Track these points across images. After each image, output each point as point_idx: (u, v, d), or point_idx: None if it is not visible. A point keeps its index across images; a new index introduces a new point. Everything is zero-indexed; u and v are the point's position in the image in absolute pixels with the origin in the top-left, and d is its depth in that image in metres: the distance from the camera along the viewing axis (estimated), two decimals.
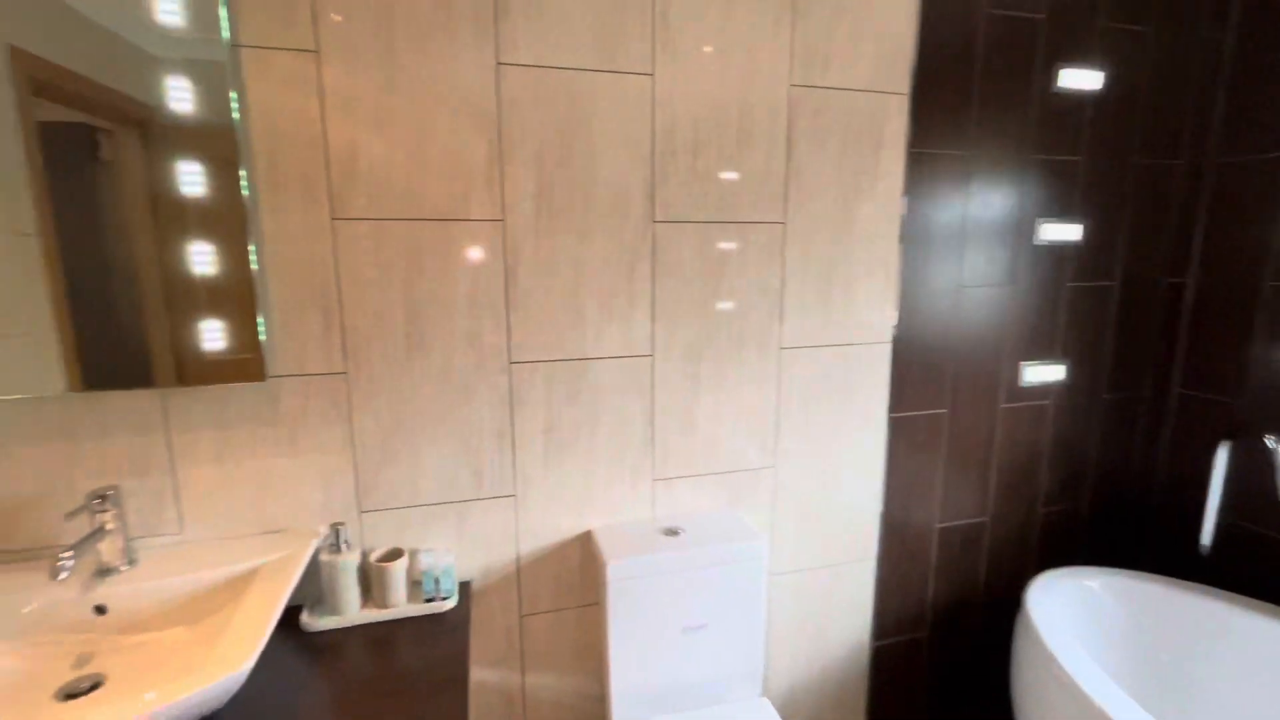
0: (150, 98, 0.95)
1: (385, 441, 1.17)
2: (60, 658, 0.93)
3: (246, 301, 1.03)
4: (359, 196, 1.08)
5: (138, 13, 0.93)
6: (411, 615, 1.14)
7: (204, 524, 1.10)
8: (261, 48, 1.00)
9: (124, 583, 0.99)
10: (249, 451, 1.10)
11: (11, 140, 0.92)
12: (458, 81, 1.09)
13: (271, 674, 0.97)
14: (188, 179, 0.99)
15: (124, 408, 1.04)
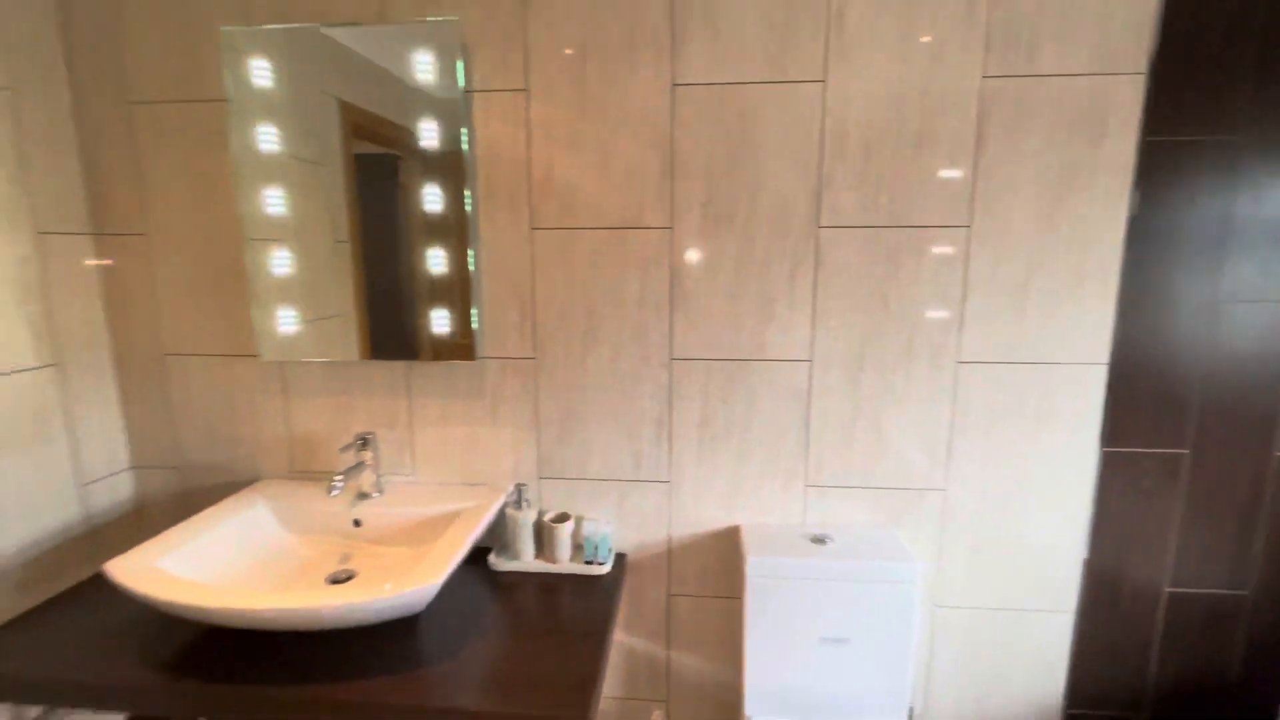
0: (415, 134, 1.24)
1: (562, 420, 1.35)
2: (330, 553, 1.27)
3: (465, 296, 1.29)
4: (552, 209, 1.27)
5: (406, 69, 1.22)
6: (572, 572, 1.30)
7: (429, 470, 1.40)
8: (485, 91, 1.24)
9: (374, 505, 1.31)
10: (462, 417, 1.37)
11: (338, 170, 1.27)
12: (638, 105, 1.22)
13: (465, 593, 1.21)
14: (431, 197, 1.26)
15: (384, 374, 1.37)
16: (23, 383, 1.24)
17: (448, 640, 1.08)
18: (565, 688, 0.97)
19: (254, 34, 1.24)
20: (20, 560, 1.24)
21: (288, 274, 1.32)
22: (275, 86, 1.26)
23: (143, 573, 1.03)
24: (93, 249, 1.37)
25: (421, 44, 1.20)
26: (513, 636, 1.10)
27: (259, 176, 1.28)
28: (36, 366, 1.26)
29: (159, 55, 1.29)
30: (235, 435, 1.43)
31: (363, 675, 0.98)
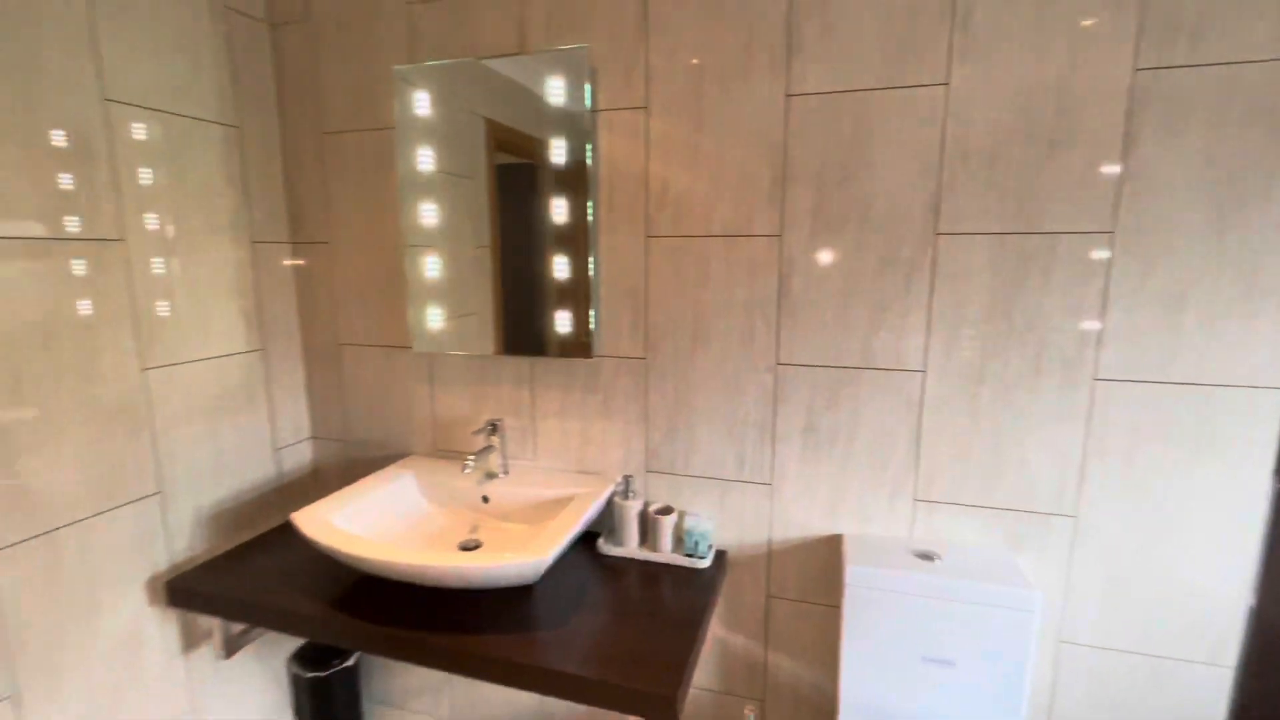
0: (548, 149, 1.37)
1: (669, 418, 1.42)
2: (462, 523, 1.44)
3: (585, 299, 1.40)
4: (666, 218, 1.34)
5: (541, 91, 1.35)
6: (673, 563, 1.37)
7: (548, 456, 1.54)
8: (609, 110, 1.34)
9: (500, 485, 1.47)
10: (578, 410, 1.49)
11: (482, 181, 1.44)
12: (751, 117, 1.25)
13: (574, 572, 1.32)
14: (558, 208, 1.39)
15: (512, 368, 1.52)
16: (238, 364, 1.53)
17: (556, 611, 1.19)
18: (659, 666, 1.04)
19: (418, 70, 1.43)
20: (233, 506, 1.53)
21: (437, 277, 1.51)
22: (432, 113, 1.45)
23: (318, 524, 1.25)
24: (290, 254, 1.66)
25: (555, 70, 1.33)
26: (614, 615, 1.19)
27: (417, 191, 1.48)
28: (248, 350, 1.56)
29: (344, 94, 1.53)
30: (390, 415, 1.66)
31: (482, 632, 1.12)
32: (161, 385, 1.36)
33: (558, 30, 1.35)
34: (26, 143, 1.11)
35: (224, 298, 1.48)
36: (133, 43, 1.27)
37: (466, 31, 1.41)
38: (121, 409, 1.28)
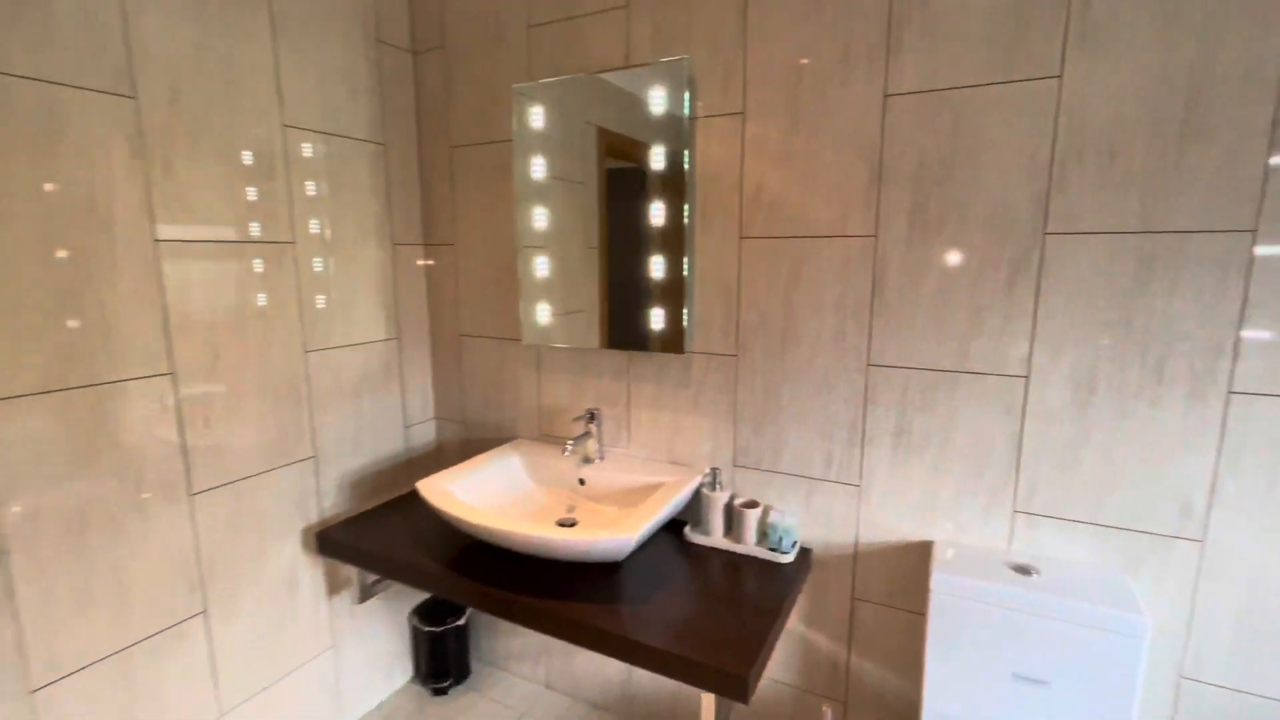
0: (649, 156, 1.45)
1: (758, 415, 1.46)
2: (560, 502, 1.57)
3: (679, 297, 1.47)
4: (760, 220, 1.38)
5: (645, 102, 1.43)
6: (755, 555, 1.41)
7: (641, 446, 1.62)
8: (707, 117, 1.40)
9: (596, 469, 1.57)
10: (670, 403, 1.56)
11: (594, 185, 1.55)
12: (848, 119, 1.26)
13: (661, 555, 1.40)
14: (656, 211, 1.47)
15: (611, 361, 1.63)
16: (377, 350, 1.76)
17: (642, 588, 1.28)
18: (734, 648, 1.09)
19: (534, 86, 1.57)
20: (371, 473, 1.77)
21: (545, 275, 1.65)
22: (545, 125, 1.58)
23: (437, 493, 1.42)
24: (422, 255, 1.87)
25: (657, 81, 1.41)
26: (695, 598, 1.25)
27: (530, 197, 1.63)
28: (386, 339, 1.78)
29: (470, 111, 1.71)
30: (501, 401, 1.83)
31: (573, 600, 1.23)
32: (318, 366, 1.60)
33: (663, 43, 1.43)
34: (226, 163, 1.36)
35: (368, 292, 1.71)
36: (305, 76, 1.51)
37: (578, 50, 1.53)
38: (288, 385, 1.53)
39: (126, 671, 1.27)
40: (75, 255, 1.15)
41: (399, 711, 1.85)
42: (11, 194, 1.06)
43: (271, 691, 1.55)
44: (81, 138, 1.14)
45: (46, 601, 1.15)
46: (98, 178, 1.17)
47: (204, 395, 1.36)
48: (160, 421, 1.29)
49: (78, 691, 1.20)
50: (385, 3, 1.69)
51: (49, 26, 1.09)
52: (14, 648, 1.11)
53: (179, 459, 1.33)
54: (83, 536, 1.19)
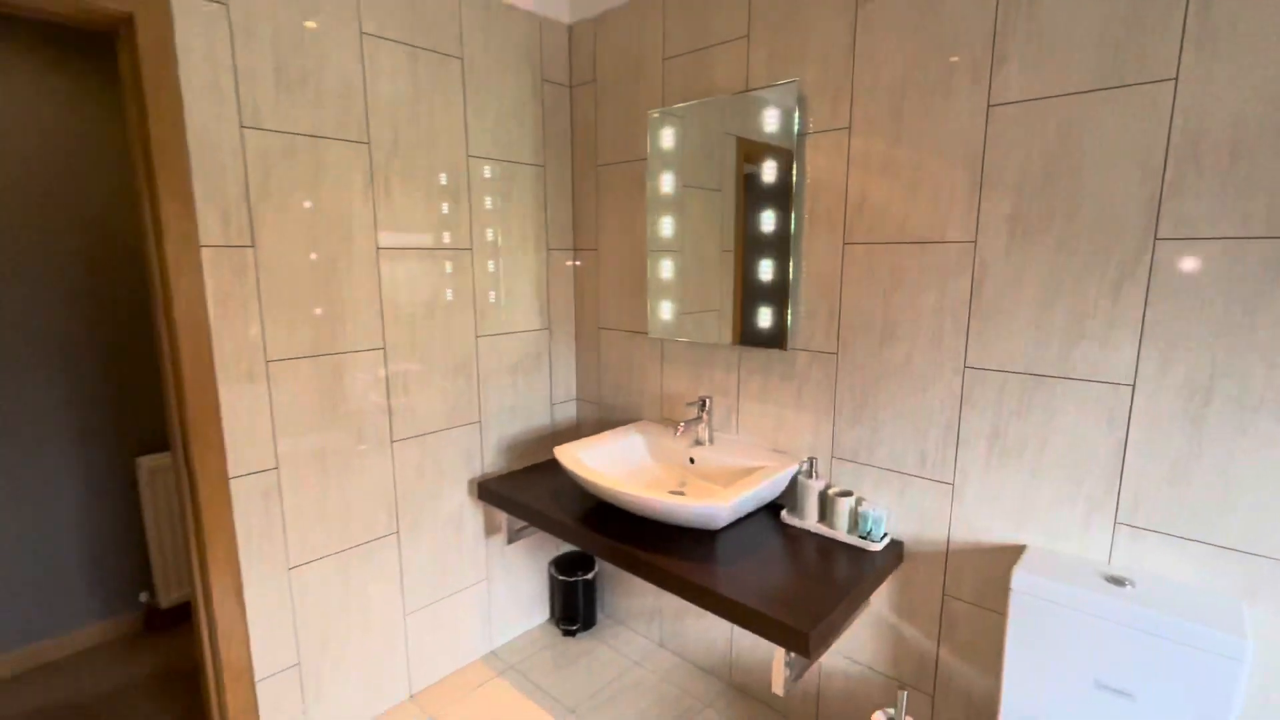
0: (761, 170, 1.61)
1: (856, 410, 1.55)
2: (673, 476, 1.78)
3: (784, 297, 1.61)
4: (862, 226, 1.47)
5: (759, 120, 1.59)
6: (845, 541, 1.50)
7: (747, 433, 1.78)
8: (816, 133, 1.52)
9: (705, 451, 1.77)
10: (774, 395, 1.70)
11: (732, 191, 1.73)
12: (950, 129, 1.32)
13: (756, 531, 1.56)
14: (767, 219, 1.62)
15: (724, 354, 1.80)
16: (532, 338, 2.11)
17: (733, 554, 1.45)
18: (803, 611, 1.22)
19: (667, 111, 1.80)
20: (523, 440, 2.12)
21: (670, 277, 1.87)
22: (674, 145, 1.80)
23: (570, 458, 1.71)
24: (570, 259, 2.19)
25: (771, 102, 1.56)
26: (781, 569, 1.39)
27: (659, 208, 1.86)
28: (539, 329, 2.13)
29: (613, 134, 1.99)
30: (629, 387, 2.08)
31: (674, 556, 1.43)
32: (485, 349, 1.97)
33: (778, 67, 1.57)
34: (426, 188, 1.77)
35: (525, 289, 2.06)
36: (485, 116, 1.88)
37: (704, 77, 1.73)
38: (463, 363, 1.92)
39: (345, 566, 1.72)
40: (327, 258, 1.59)
41: (536, 643, 2.19)
42: (293, 217, 1.52)
43: (441, 605, 1.96)
44: (335, 174, 1.58)
45: (298, 510, 1.61)
46: (343, 202, 1.61)
47: (403, 368, 1.78)
48: (373, 387, 1.72)
49: (315, 574, 1.66)
50: (550, 48, 2.02)
51: (320, 97, 1.54)
52: (281, 538, 1.58)
53: (385, 416, 1.76)
54: (322, 465, 1.64)
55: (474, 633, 2.08)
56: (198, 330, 1.40)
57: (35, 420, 2.04)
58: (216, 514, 1.47)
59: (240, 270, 1.45)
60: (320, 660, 1.70)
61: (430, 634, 1.95)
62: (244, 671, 1.55)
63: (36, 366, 2.03)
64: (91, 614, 2.21)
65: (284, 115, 1.48)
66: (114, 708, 1.90)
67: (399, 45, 1.66)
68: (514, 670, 2.05)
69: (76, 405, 2.12)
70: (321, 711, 1.72)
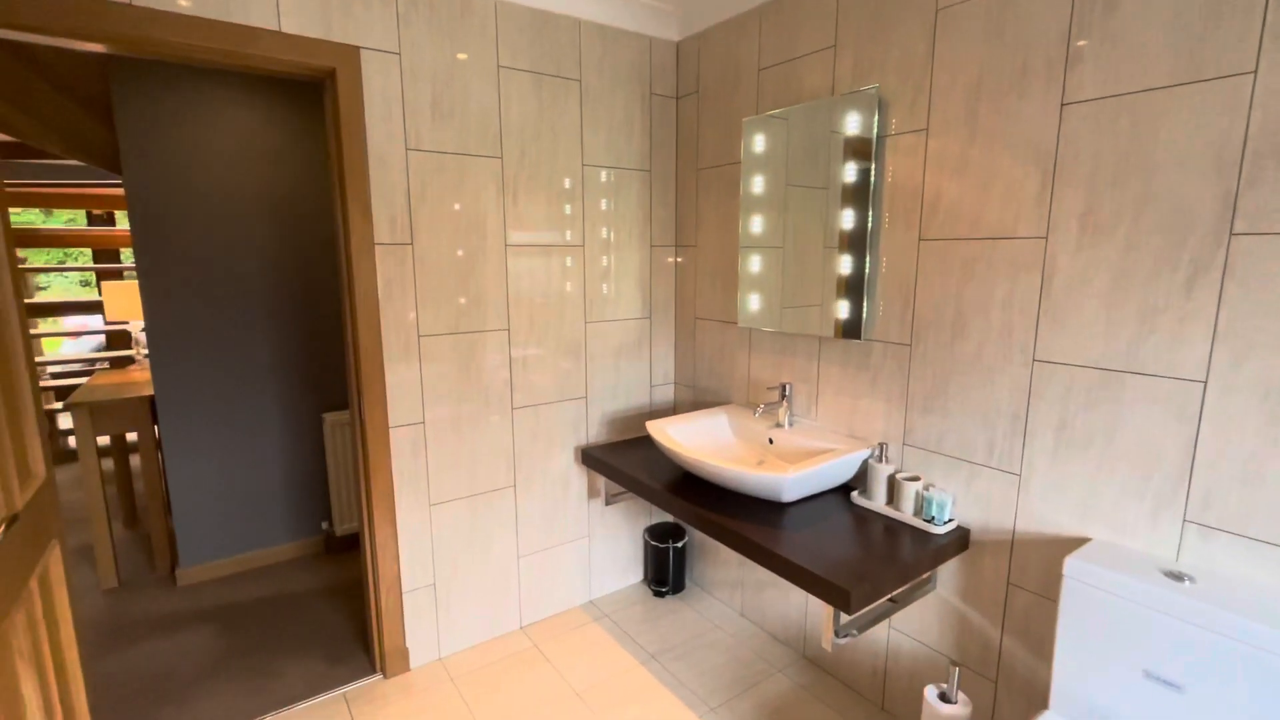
0: (844, 170, 1.72)
1: (926, 400, 1.62)
2: (752, 454, 1.95)
3: (863, 291, 1.70)
4: (937, 223, 1.54)
5: (842, 123, 1.70)
6: (910, 523, 1.58)
7: (824, 419, 1.90)
8: (895, 134, 1.60)
9: (783, 433, 1.91)
10: (850, 383, 1.80)
11: (816, 191, 1.85)
12: (1023, 129, 1.36)
13: (827, 507, 1.68)
14: (848, 216, 1.72)
15: (805, 344, 1.93)
16: (634, 326, 2.35)
17: (800, 524, 1.59)
18: (855, 575, 1.34)
19: (759, 118, 1.95)
20: (623, 416, 2.38)
21: (758, 271, 2.02)
22: (766, 148, 1.95)
23: (660, 431, 1.93)
24: (671, 255, 2.41)
25: (853, 107, 1.66)
26: (843, 541, 1.51)
27: (753, 207, 2.01)
28: (641, 318, 2.37)
29: (712, 140, 2.17)
30: (720, 372, 2.26)
31: (747, 521, 1.60)
32: (593, 334, 2.25)
33: (862, 74, 1.67)
34: (547, 193, 2.07)
35: (630, 282, 2.31)
36: (599, 128, 2.14)
37: (793, 85, 1.86)
38: (573, 346, 2.21)
39: (472, 509, 2.07)
40: (467, 253, 1.94)
41: (629, 600, 2.44)
42: (441, 219, 1.88)
43: (548, 554, 2.27)
44: (474, 184, 1.92)
45: (438, 461, 1.98)
46: (480, 207, 1.94)
47: (523, 350, 2.10)
48: (500, 362, 2.06)
49: (450, 513, 2.03)
50: (659, 65, 2.25)
51: (465, 122, 1.88)
52: (425, 480, 1.96)
53: (507, 386, 2.09)
54: (457, 427, 2.00)
55: (575, 582, 2.38)
56: (371, 310, 1.80)
57: (251, 380, 2.64)
58: (379, 456, 1.87)
59: (402, 262, 1.83)
60: (450, 583, 2.07)
61: (538, 577, 2.27)
62: (394, 583, 1.95)
63: (255, 336, 2.62)
64: (287, 534, 2.80)
65: (437, 138, 1.84)
66: (304, 604, 2.43)
67: (527, 74, 1.97)
68: (608, 618, 2.31)
69: (280, 369, 2.70)
70: (450, 625, 2.09)
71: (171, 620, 2.33)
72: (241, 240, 2.54)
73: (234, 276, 2.54)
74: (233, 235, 2.52)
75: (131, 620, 2.33)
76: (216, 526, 2.63)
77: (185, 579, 2.57)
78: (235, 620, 2.33)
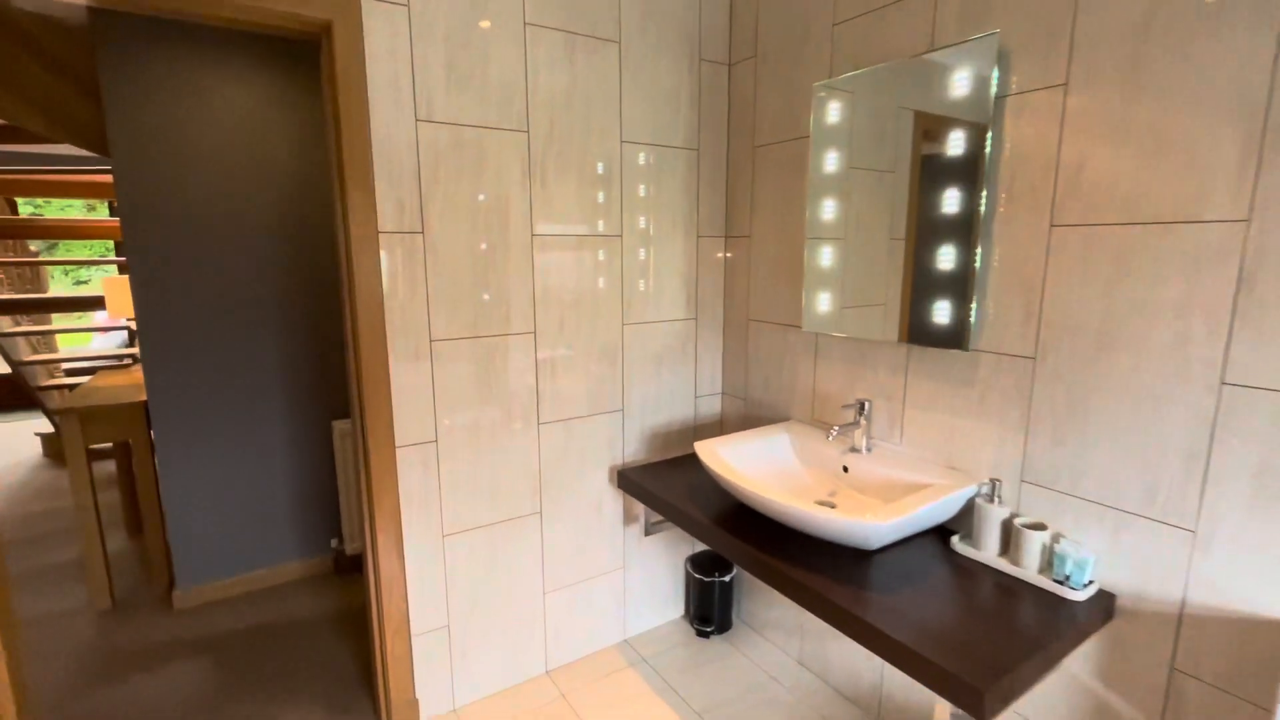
0: (944, 141, 1.39)
1: (1057, 427, 1.28)
2: (822, 484, 1.63)
3: (967, 290, 1.38)
4: (1077, 205, 1.20)
5: (945, 84, 1.37)
6: (1034, 583, 1.26)
7: (911, 443, 1.57)
8: (1019, 93, 1.27)
9: (860, 459, 1.59)
10: (948, 402, 1.47)
11: (906, 173, 1.53)
12: (1217, 76, 1.02)
13: (920, 556, 1.37)
14: (950, 198, 1.40)
15: (888, 353, 1.60)
16: (678, 328, 2.05)
17: (892, 581, 1.27)
18: (980, 661, 1.03)
19: (834, 82, 1.63)
20: (664, 432, 2.08)
21: (829, 266, 1.70)
22: (841, 119, 1.62)
23: (711, 454, 1.62)
24: (721, 246, 2.10)
25: (961, 62, 1.33)
26: (951, 606, 1.19)
27: (822, 191, 1.69)
28: (685, 319, 2.06)
29: (773, 112, 1.85)
30: (780, 383, 1.95)
31: (822, 574, 1.29)
32: (631, 337, 1.95)
33: (971, 20, 1.34)
34: (580, 172, 1.78)
35: (674, 277, 2.01)
36: (640, 100, 1.84)
37: (878, 41, 1.53)
38: (609, 350, 1.91)
39: (490, 540, 1.80)
40: (489, 247, 1.66)
41: (669, 640, 2.15)
42: (459, 203, 1.60)
43: (578, 588, 1.99)
44: (496, 163, 1.64)
45: (453, 481, 1.71)
46: (503, 189, 1.66)
47: (552, 353, 1.81)
48: (525, 369, 1.78)
49: (466, 544, 1.76)
50: (709, 25, 1.93)
51: (485, 90, 1.60)
52: (437, 506, 1.69)
53: (533, 397, 1.80)
54: (475, 446, 1.73)
55: (608, 619, 2.09)
56: (374, 310, 1.53)
57: (254, 384, 2.41)
58: (384, 479, 1.60)
59: (411, 254, 1.56)
60: (467, 625, 1.80)
61: (567, 614, 1.99)
62: (402, 626, 1.68)
63: (258, 336, 2.39)
64: (293, 553, 2.57)
65: (453, 107, 1.56)
66: (307, 635, 2.19)
67: (558, 32, 1.68)
68: (645, 663, 2.02)
69: (286, 372, 2.46)
70: (466, 671, 1.82)
71: (162, 651, 2.11)
72: (243, 228, 2.31)
73: (234, 268, 2.31)
74: (233, 223, 2.29)
75: (119, 649, 2.11)
76: (216, 544, 2.40)
77: (182, 601, 2.36)
78: (231, 653, 2.10)
